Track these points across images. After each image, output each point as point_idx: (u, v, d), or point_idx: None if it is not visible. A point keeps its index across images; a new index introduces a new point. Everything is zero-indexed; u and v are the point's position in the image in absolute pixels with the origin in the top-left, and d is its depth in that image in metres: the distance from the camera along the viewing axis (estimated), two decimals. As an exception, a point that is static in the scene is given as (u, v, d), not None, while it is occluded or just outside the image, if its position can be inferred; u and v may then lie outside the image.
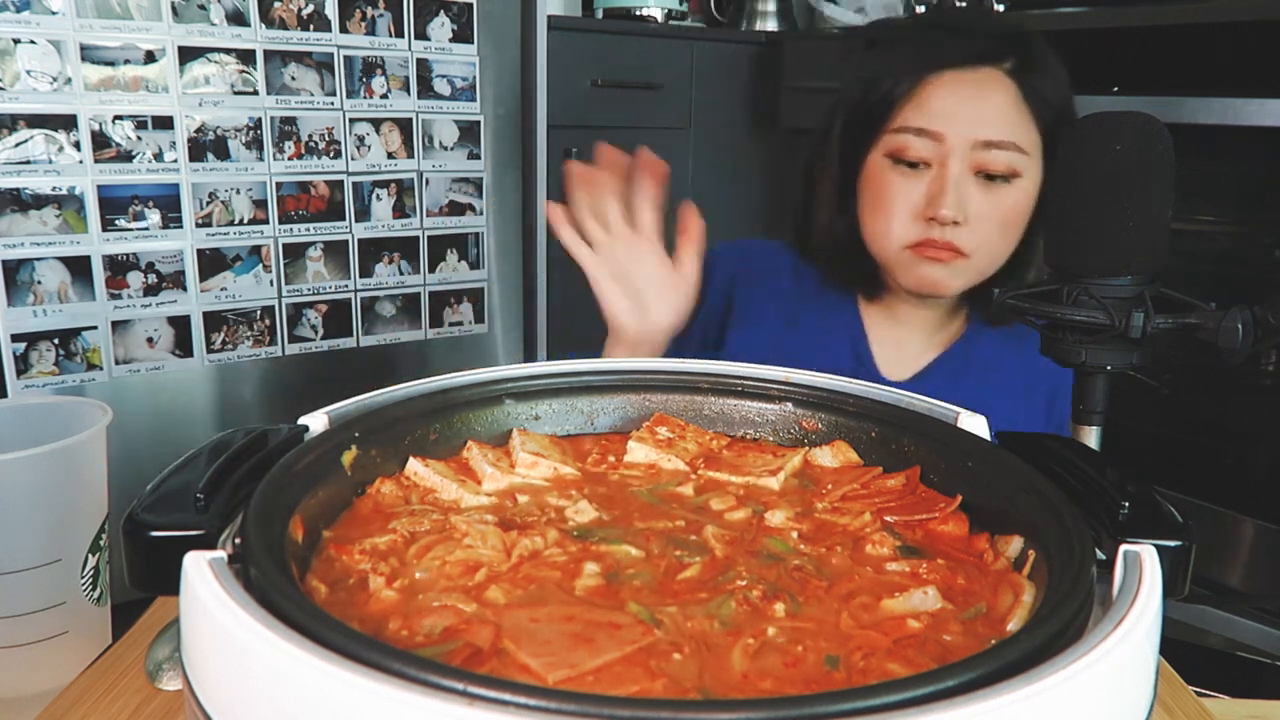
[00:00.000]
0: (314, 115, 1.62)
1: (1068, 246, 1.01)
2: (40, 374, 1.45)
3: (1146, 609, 0.35)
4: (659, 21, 2.17)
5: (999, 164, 0.90)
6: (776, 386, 0.62)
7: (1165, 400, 1.63)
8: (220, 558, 0.37)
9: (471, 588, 0.43)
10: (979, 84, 0.91)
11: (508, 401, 0.61)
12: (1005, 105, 0.90)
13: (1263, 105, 1.41)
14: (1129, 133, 0.97)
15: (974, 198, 0.91)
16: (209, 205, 1.55)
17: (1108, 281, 0.98)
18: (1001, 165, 0.90)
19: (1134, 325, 0.96)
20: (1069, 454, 0.49)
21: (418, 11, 1.69)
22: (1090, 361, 1.00)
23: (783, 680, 0.37)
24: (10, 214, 1.39)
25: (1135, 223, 0.97)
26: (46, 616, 0.68)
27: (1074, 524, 0.41)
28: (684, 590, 0.44)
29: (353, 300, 1.73)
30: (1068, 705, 0.30)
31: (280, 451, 0.47)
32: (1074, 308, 0.99)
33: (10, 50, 1.35)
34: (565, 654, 0.36)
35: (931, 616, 0.42)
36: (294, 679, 0.30)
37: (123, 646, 0.68)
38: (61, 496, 0.68)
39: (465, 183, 1.81)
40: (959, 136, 0.90)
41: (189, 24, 1.47)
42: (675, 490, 0.56)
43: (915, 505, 0.52)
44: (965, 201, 0.91)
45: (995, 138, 0.89)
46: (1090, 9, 1.68)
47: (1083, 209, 0.99)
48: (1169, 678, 0.66)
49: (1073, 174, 1.00)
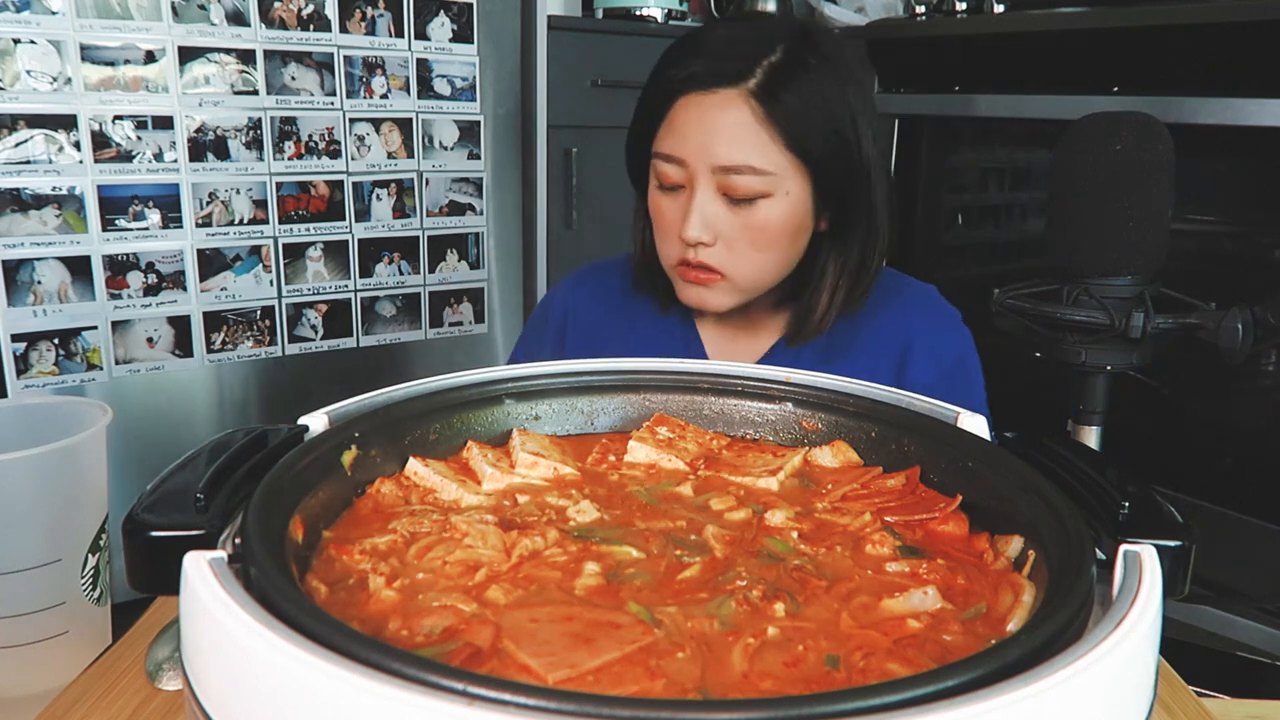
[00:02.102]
0: (314, 115, 1.62)
1: (1068, 246, 1.02)
2: (40, 374, 1.45)
3: (1146, 609, 0.35)
4: (659, 21, 2.17)
5: (740, 188, 0.89)
6: (776, 386, 0.62)
7: (1165, 400, 1.62)
8: (220, 558, 0.37)
9: (471, 588, 0.43)
10: (717, 108, 0.89)
11: (508, 401, 0.61)
12: (741, 129, 0.89)
13: (1263, 105, 1.41)
14: (1129, 133, 0.97)
15: (722, 218, 0.91)
16: (209, 205, 1.55)
17: (1108, 281, 0.99)
18: (744, 189, 0.89)
19: (1134, 325, 0.96)
20: (1069, 454, 0.49)
21: (418, 11, 1.69)
22: (1090, 361, 1.00)
23: (783, 680, 0.37)
24: (10, 214, 1.39)
25: (1135, 223, 0.97)
26: (46, 616, 0.68)
27: (1074, 524, 0.41)
28: (684, 590, 0.44)
29: (353, 300, 1.73)
30: (1068, 705, 0.30)
31: (280, 451, 0.47)
32: (1074, 308, 1.00)
33: (10, 50, 1.35)
34: (565, 654, 0.36)
35: (931, 616, 0.42)
36: (294, 679, 0.30)
37: (123, 646, 0.68)
38: (61, 496, 0.68)
39: (465, 183, 1.81)
40: (699, 161, 0.90)
41: (189, 24, 1.47)
42: (675, 490, 0.56)
43: (915, 505, 0.52)
44: (712, 222, 0.90)
45: (730, 162, 0.89)
46: (1090, 9, 1.68)
47: (1083, 209, 0.99)
48: (1169, 678, 0.66)
49: (1073, 174, 1.00)
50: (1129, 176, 0.96)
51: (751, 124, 0.89)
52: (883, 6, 2.16)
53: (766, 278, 0.95)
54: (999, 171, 2.08)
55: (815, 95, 0.90)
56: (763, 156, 0.89)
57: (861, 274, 0.96)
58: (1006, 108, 1.79)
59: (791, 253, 0.94)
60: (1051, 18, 1.71)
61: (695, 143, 0.90)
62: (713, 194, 0.91)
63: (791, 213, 0.91)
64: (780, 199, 0.90)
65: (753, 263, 0.93)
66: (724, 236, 0.91)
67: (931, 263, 2.13)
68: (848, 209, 0.93)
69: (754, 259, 0.93)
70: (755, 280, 0.94)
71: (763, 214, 0.90)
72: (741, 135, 0.89)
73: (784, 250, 0.94)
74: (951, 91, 1.91)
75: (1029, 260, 1.98)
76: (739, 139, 0.89)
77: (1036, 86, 1.74)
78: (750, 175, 0.89)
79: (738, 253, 0.92)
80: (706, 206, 0.90)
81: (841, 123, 0.91)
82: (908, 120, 2.03)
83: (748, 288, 0.95)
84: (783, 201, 0.91)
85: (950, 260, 2.16)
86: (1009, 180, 2.06)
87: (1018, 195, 2.04)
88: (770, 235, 0.91)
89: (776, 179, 0.90)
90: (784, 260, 0.94)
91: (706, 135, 0.89)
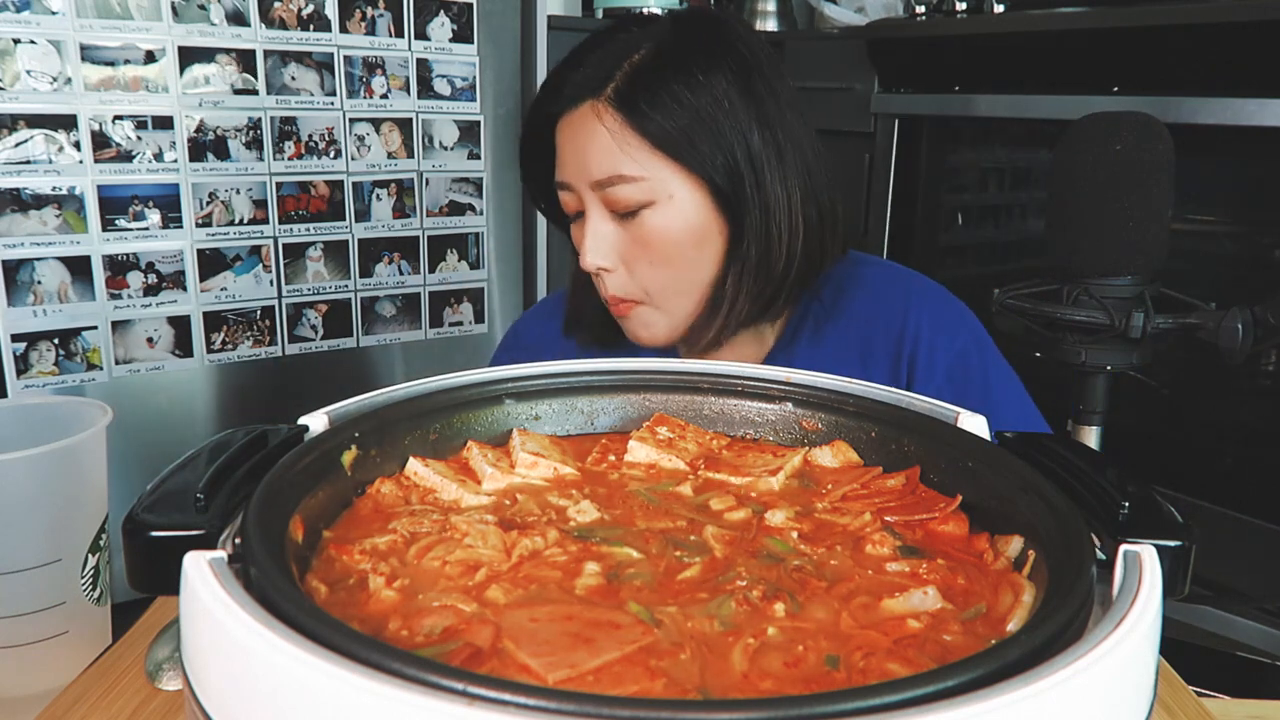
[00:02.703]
0: (314, 115, 1.62)
1: (1068, 246, 1.02)
2: (40, 374, 1.45)
3: (1146, 609, 0.35)
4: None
5: (618, 200, 0.85)
6: (776, 386, 0.62)
7: (1165, 400, 1.62)
8: (220, 558, 0.37)
9: (471, 588, 0.43)
10: (579, 124, 0.86)
11: (508, 401, 0.61)
12: (604, 140, 0.85)
13: (1263, 105, 1.41)
14: (1129, 133, 0.97)
15: (615, 238, 0.87)
16: (209, 205, 1.55)
17: (1108, 281, 0.99)
18: (622, 201, 0.85)
19: (1134, 325, 0.96)
20: (1069, 454, 0.49)
21: (418, 11, 1.69)
22: (1090, 361, 1.00)
23: (783, 680, 0.37)
24: (10, 214, 1.39)
25: (1135, 223, 0.97)
26: (46, 616, 0.68)
27: (1074, 524, 0.41)
28: (684, 590, 0.44)
29: (353, 300, 1.73)
30: (1068, 705, 0.30)
31: (280, 451, 0.47)
32: (1074, 308, 0.99)
33: (10, 50, 1.35)
34: (565, 654, 0.36)
35: (931, 616, 0.42)
36: (294, 679, 0.30)
37: (123, 646, 0.68)
38: (61, 496, 0.68)
39: (465, 183, 1.81)
40: (579, 181, 0.86)
41: (189, 24, 1.47)
42: (675, 490, 0.56)
43: (915, 505, 0.52)
44: (607, 244, 0.87)
45: (600, 175, 0.85)
46: (1090, 9, 1.68)
47: (1083, 209, 0.99)
48: (1169, 678, 0.66)
49: (1073, 174, 1.00)
50: (1129, 176, 0.96)
51: (615, 131, 0.85)
52: (883, 6, 2.16)
53: (684, 295, 0.89)
54: (999, 171, 2.08)
55: (681, 91, 0.84)
56: (631, 162, 0.84)
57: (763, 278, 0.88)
58: (1006, 108, 1.79)
59: (701, 263, 0.88)
60: (1051, 18, 1.71)
61: (572, 165, 0.87)
62: (601, 214, 0.87)
63: (684, 219, 0.86)
64: (665, 205, 0.85)
65: (661, 280, 0.88)
66: (624, 258, 0.87)
67: (931, 263, 2.13)
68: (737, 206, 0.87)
69: (660, 276, 0.88)
70: (673, 300, 0.89)
71: (649, 224, 0.86)
72: (605, 145, 0.85)
73: (690, 261, 0.88)
74: (951, 91, 1.91)
75: (1029, 260, 1.98)
76: (605, 149, 0.85)
77: (1036, 86, 1.74)
78: (623, 185, 0.84)
79: (641, 272, 0.88)
80: (598, 228, 0.87)
81: (715, 116, 0.84)
82: (908, 120, 2.03)
83: (671, 310, 0.90)
84: (669, 207, 0.86)
85: (950, 260, 2.16)
86: (1009, 180, 2.06)
87: (1018, 195, 2.04)
88: (666, 247, 0.86)
89: (652, 184, 0.85)
90: (695, 273, 0.89)
91: (578, 154, 0.86)
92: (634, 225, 0.86)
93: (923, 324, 0.94)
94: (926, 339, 0.94)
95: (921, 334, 0.94)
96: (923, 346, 0.93)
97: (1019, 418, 0.94)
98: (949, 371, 0.93)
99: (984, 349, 0.96)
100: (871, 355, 0.95)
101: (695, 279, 0.89)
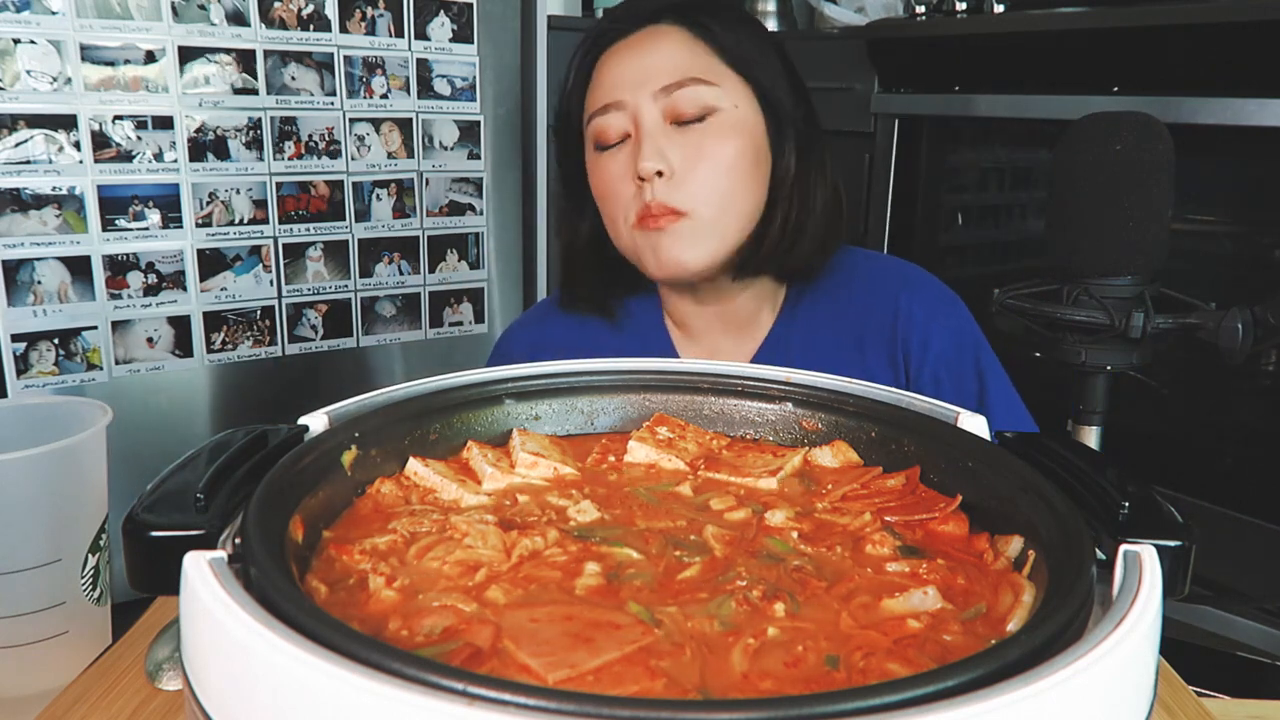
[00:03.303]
0: (314, 115, 1.62)
1: (1068, 246, 1.02)
2: (40, 374, 1.45)
3: (1146, 609, 0.35)
4: (659, 21, 2.17)
5: (687, 103, 0.86)
6: (776, 386, 0.62)
7: (1165, 400, 1.62)
8: (220, 558, 0.37)
9: (471, 588, 0.43)
10: (644, 40, 0.88)
11: (508, 401, 0.61)
12: (675, 48, 0.87)
13: (1263, 105, 1.41)
14: (1129, 133, 0.97)
15: (676, 146, 0.87)
16: (209, 205, 1.55)
17: (1108, 281, 0.99)
18: (690, 104, 0.86)
19: (1134, 325, 0.96)
20: (1069, 454, 0.49)
21: (418, 11, 1.69)
22: (1090, 361, 1.00)
23: (783, 680, 0.37)
24: (10, 214, 1.39)
25: (1135, 223, 0.97)
26: (46, 616, 0.68)
27: (1074, 524, 0.41)
28: (684, 590, 0.44)
29: (353, 300, 1.73)
30: (1068, 705, 0.30)
31: (280, 451, 0.47)
32: (1074, 308, 0.99)
33: (10, 50, 1.35)
34: (565, 654, 0.36)
35: (931, 616, 0.42)
36: (294, 679, 0.30)
37: (123, 646, 0.68)
38: (61, 496, 0.68)
39: (465, 183, 1.81)
40: (638, 93, 0.87)
41: (189, 24, 1.47)
42: (675, 490, 0.56)
43: (915, 505, 0.52)
44: (664, 151, 0.86)
45: (671, 79, 0.86)
46: (1090, 9, 1.68)
47: (1083, 209, 0.99)
48: (1169, 678, 0.66)
49: (1073, 174, 1.00)
50: (1129, 176, 0.96)
51: (684, 40, 0.88)
52: (883, 6, 2.16)
53: (732, 213, 0.89)
54: (999, 171, 2.08)
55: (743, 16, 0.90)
56: (704, 67, 0.87)
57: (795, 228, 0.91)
58: (1006, 108, 1.79)
59: (752, 186, 0.90)
60: (1051, 18, 1.71)
61: (630, 78, 0.87)
62: (659, 122, 0.87)
63: (746, 131, 0.88)
64: (730, 113, 0.87)
65: (716, 191, 0.88)
66: (680, 167, 0.87)
67: (932, 263, 2.11)
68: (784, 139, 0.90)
69: (715, 186, 0.88)
70: (720, 214, 0.89)
71: (714, 130, 0.87)
72: (675, 53, 0.87)
73: (745, 178, 0.89)
74: (951, 91, 1.91)
75: (1029, 260, 1.98)
76: (675, 55, 0.87)
77: (1036, 86, 1.74)
78: (695, 86, 0.86)
79: (697, 180, 0.87)
80: (657, 135, 0.87)
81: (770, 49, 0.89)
82: (908, 120, 2.02)
83: (716, 225, 0.89)
84: (733, 116, 0.87)
85: (950, 260, 2.16)
86: (1009, 180, 2.06)
87: (1018, 195, 2.04)
88: (727, 156, 0.87)
89: (721, 91, 0.87)
90: (745, 192, 0.90)
91: (640, 65, 0.87)
92: (695, 133, 0.87)
93: (915, 310, 0.95)
94: (920, 324, 0.95)
95: (915, 320, 0.95)
96: (916, 331, 0.95)
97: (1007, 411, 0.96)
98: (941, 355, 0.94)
99: (977, 338, 0.98)
100: (867, 342, 0.96)
101: (744, 200, 0.90)
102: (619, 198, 0.90)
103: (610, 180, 0.90)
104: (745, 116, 0.88)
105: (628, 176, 0.89)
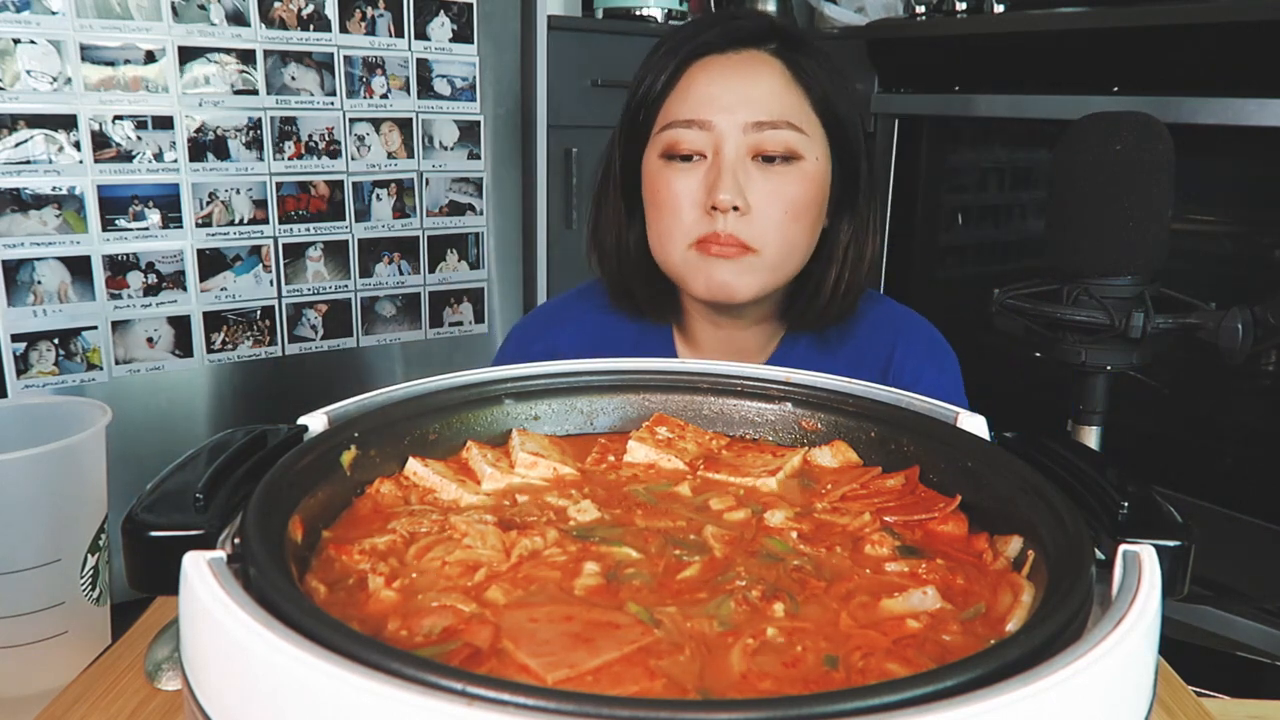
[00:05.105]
0: (314, 115, 1.62)
1: (1068, 246, 1.02)
2: (40, 374, 1.45)
3: (1146, 609, 0.35)
4: (659, 21, 2.17)
5: (775, 144, 0.85)
6: (776, 386, 0.62)
7: (1165, 400, 1.62)
8: (220, 558, 0.37)
9: (471, 588, 0.43)
10: (744, 65, 0.86)
11: (507, 401, 0.61)
12: (774, 84, 0.86)
13: (1263, 105, 1.41)
14: (1129, 133, 0.97)
15: (755, 183, 0.85)
16: (209, 205, 1.55)
17: (1108, 281, 0.99)
18: (778, 145, 0.85)
19: (1134, 325, 0.96)
20: (1069, 454, 0.49)
21: (418, 11, 1.69)
22: (1090, 361, 1.00)
23: (782, 680, 0.37)
24: (10, 214, 1.39)
25: (1135, 223, 0.97)
26: (46, 616, 0.68)
27: (1074, 524, 0.41)
28: (683, 590, 0.44)
29: (353, 300, 1.73)
30: (1067, 705, 0.30)
31: (280, 451, 0.47)
32: (1074, 308, 0.99)
33: (10, 50, 1.35)
34: (565, 654, 0.36)
35: (931, 616, 0.42)
36: (294, 679, 0.30)
37: (122, 646, 0.68)
38: (61, 496, 0.68)
39: (465, 183, 1.81)
40: (729, 121, 0.85)
41: (189, 24, 1.47)
42: (675, 490, 0.56)
43: (915, 505, 0.52)
44: (745, 187, 0.85)
45: (766, 117, 0.85)
46: (1090, 9, 1.68)
47: (1083, 209, 0.99)
48: (1169, 678, 0.66)
49: (1073, 174, 1.00)
50: (1129, 176, 0.96)
51: (783, 78, 0.86)
52: (883, 6, 2.16)
53: (793, 257, 0.89)
54: (999, 171, 2.08)
55: (827, 62, 0.88)
56: (798, 112, 0.86)
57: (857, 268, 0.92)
58: (1006, 108, 1.79)
59: (813, 233, 0.90)
60: (1051, 18, 1.71)
61: (724, 101, 0.85)
62: (743, 155, 0.86)
63: (819, 183, 0.88)
64: (810, 164, 0.87)
65: (785, 234, 0.87)
66: (756, 204, 0.86)
67: (931, 263, 2.13)
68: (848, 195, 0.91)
69: (786, 231, 0.87)
70: (784, 257, 0.88)
71: (794, 176, 0.86)
72: (776, 90, 0.86)
73: (810, 225, 0.89)
74: (951, 91, 1.91)
75: (1029, 260, 1.98)
76: (775, 93, 0.85)
77: (1036, 86, 1.74)
78: (787, 131, 0.85)
79: (770, 221, 0.86)
80: (738, 169, 0.85)
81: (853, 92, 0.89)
82: (908, 120, 2.03)
83: (776, 267, 0.89)
84: (813, 167, 0.87)
85: (950, 260, 2.16)
86: (1009, 180, 2.06)
87: (1018, 195, 2.04)
88: (802, 203, 0.87)
89: (808, 140, 0.86)
90: (807, 239, 0.90)
91: (737, 92, 0.85)
92: (775, 174, 0.86)
93: (906, 361, 0.96)
94: (910, 373, 0.95)
95: (905, 370, 0.95)
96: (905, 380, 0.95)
97: None
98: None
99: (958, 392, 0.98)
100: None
101: (804, 247, 0.90)
102: (681, 217, 0.88)
103: (676, 196, 0.88)
104: (823, 169, 0.89)
105: (697, 199, 0.87)
